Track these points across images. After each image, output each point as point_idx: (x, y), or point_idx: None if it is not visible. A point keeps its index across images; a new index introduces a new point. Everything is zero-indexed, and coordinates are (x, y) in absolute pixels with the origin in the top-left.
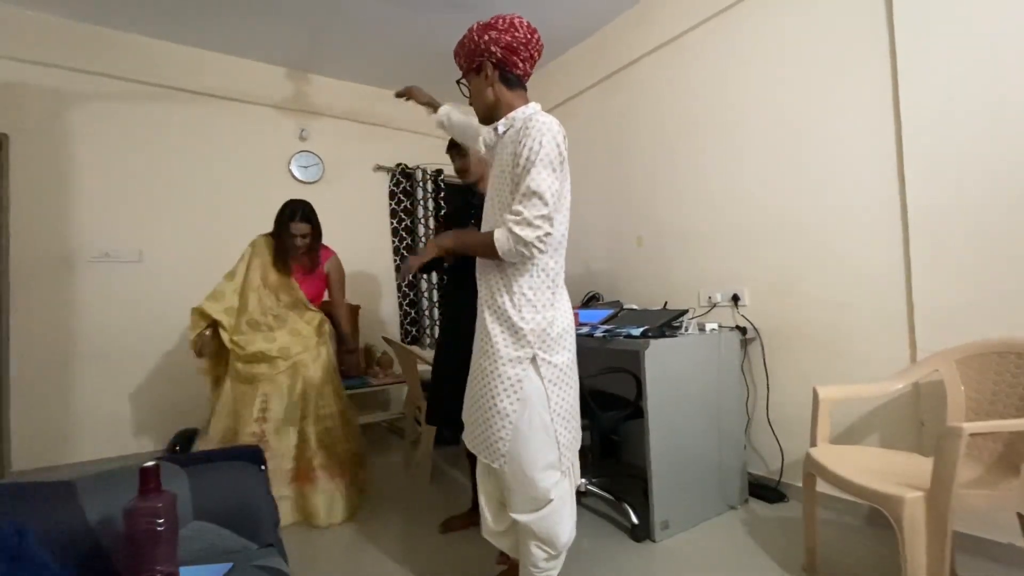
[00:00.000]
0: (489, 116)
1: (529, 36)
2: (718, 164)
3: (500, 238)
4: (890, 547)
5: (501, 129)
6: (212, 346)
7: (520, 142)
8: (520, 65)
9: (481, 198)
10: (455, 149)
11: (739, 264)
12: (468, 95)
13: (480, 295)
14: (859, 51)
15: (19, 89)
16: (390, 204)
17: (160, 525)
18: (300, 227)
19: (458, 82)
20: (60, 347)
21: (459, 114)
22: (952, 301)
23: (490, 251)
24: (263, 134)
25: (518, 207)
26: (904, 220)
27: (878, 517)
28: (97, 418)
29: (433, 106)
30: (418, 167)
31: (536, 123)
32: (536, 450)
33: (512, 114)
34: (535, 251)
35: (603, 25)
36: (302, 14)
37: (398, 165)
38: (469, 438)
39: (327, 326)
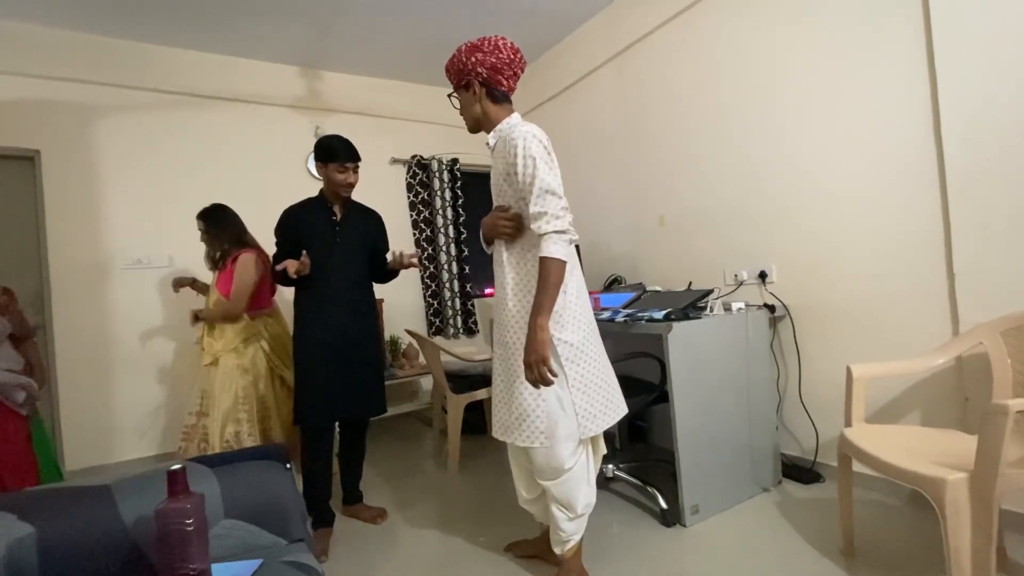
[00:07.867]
0: (477, 127)
1: (512, 56)
2: (741, 136)
3: (552, 249)
4: (934, 528)
5: (491, 142)
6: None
7: (509, 151)
8: (505, 83)
9: (343, 222)
10: (351, 160)
11: (766, 240)
12: (458, 107)
13: (497, 294)
14: (888, 1)
15: (47, 106)
16: (408, 196)
17: (189, 525)
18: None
19: (449, 96)
20: (100, 352)
21: None
22: (996, 268)
23: (561, 270)
24: (279, 133)
25: (539, 208)
26: (942, 183)
27: (921, 497)
28: (137, 418)
29: None
30: (433, 157)
31: (519, 132)
32: (557, 424)
33: (499, 126)
34: (573, 234)
35: None
36: (309, 12)
37: (413, 157)
38: (502, 429)
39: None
